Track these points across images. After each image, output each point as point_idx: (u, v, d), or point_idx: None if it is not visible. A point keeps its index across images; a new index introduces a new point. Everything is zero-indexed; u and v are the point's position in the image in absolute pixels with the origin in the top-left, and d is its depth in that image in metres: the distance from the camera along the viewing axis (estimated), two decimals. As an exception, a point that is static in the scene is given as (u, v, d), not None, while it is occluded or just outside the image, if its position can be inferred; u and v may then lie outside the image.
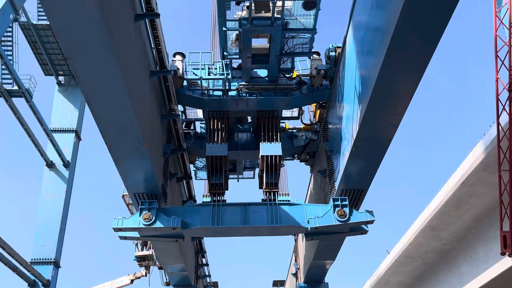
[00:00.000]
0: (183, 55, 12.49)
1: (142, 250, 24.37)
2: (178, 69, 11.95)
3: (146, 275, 26.20)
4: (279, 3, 10.40)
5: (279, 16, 10.58)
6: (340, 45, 11.50)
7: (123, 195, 20.91)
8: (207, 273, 24.01)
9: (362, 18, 9.12)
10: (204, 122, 14.10)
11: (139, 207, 11.34)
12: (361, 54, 9.42)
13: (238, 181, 17.87)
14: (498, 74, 11.98)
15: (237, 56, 11.95)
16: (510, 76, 11.51)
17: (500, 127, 11.91)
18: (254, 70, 12.69)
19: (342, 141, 11.18)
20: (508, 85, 11.41)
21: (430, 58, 7.63)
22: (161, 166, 11.80)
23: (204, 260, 22.72)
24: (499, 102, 12.02)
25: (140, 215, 11.14)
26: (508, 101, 11.58)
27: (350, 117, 10.26)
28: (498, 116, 11.99)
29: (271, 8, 10.33)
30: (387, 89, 8.41)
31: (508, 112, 11.64)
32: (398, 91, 8.58)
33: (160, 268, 23.33)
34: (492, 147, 15.55)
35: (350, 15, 9.93)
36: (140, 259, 24.58)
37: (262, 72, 12.80)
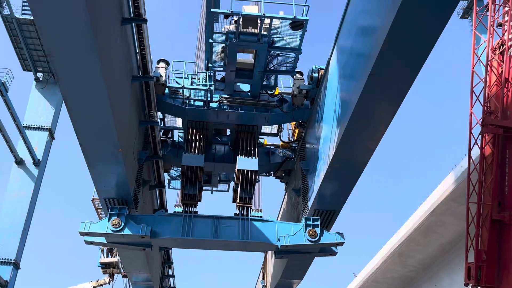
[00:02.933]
0: (167, 63, 12.45)
1: (107, 256, 23.73)
2: (161, 76, 11.89)
3: (109, 283, 25.47)
4: (267, 21, 10.53)
5: (266, 33, 10.70)
6: (323, 67, 11.69)
7: (93, 199, 20.43)
8: (172, 285, 23.56)
9: (347, 42, 9.32)
10: (182, 131, 14.01)
11: (109, 212, 11.09)
12: (343, 77, 9.59)
13: (212, 193, 17.76)
14: (472, 109, 12.37)
15: (222, 69, 11.99)
16: (484, 112, 11.91)
17: (471, 160, 12.24)
18: (237, 84, 12.74)
19: (318, 162, 11.28)
20: (481, 120, 11.78)
21: (410, 86, 7.84)
22: (134, 172, 11.61)
23: (170, 271, 22.31)
24: (471, 136, 12.38)
25: (108, 221, 10.88)
26: (480, 135, 11.94)
27: (327, 139, 10.38)
28: (470, 149, 12.33)
29: (259, 24, 10.45)
30: (366, 114, 8.57)
31: (479, 146, 12.00)
32: (377, 117, 8.75)
33: (124, 276, 22.74)
34: (462, 179, 15.96)
35: (335, 39, 10.14)
36: (105, 266, 23.92)
37: (245, 87, 12.87)
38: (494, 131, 11.43)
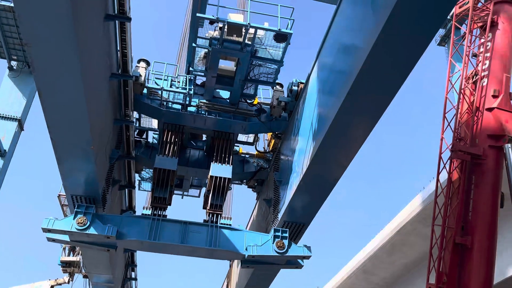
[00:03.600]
0: (147, 63, 12.33)
1: (69, 255, 23.07)
2: (140, 75, 11.75)
3: (68, 283, 24.71)
4: (251, 30, 10.60)
5: (249, 42, 10.76)
6: (304, 81, 11.83)
7: (59, 195, 19.86)
8: (134, 288, 23.07)
9: (328, 59, 9.47)
10: (157, 133, 13.85)
11: (75, 210, 10.80)
12: (322, 93, 9.72)
13: (182, 197, 17.57)
14: (443, 134, 12.73)
15: (202, 74, 11.96)
16: (454, 138, 12.27)
17: (439, 183, 12.56)
18: (217, 90, 12.72)
19: (291, 174, 11.35)
20: (451, 146, 12.13)
21: (387, 106, 8.01)
22: (105, 171, 11.38)
23: (133, 274, 21.85)
24: (441, 160, 12.73)
25: (74, 219, 10.59)
26: (449, 160, 12.28)
27: (302, 152, 10.47)
28: (438, 173, 12.66)
29: (243, 33, 10.50)
30: (341, 130, 8.70)
31: (447, 170, 12.33)
32: (352, 134, 8.90)
33: (85, 276, 22.12)
34: (429, 201, 16.38)
35: (317, 54, 10.28)
36: (65, 265, 23.22)
37: (225, 94, 12.86)
38: (462, 157, 11.77)
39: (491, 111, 11.82)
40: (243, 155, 14.87)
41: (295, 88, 12.37)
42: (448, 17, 16.20)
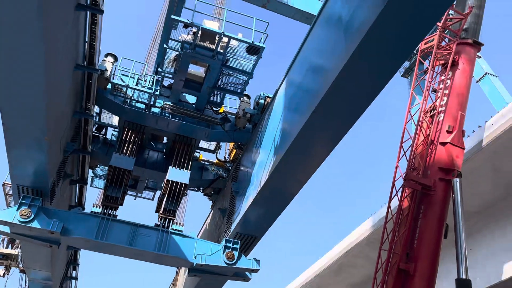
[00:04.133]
0: (115, 58, 12.07)
1: (7, 247, 21.88)
2: (106, 70, 11.47)
3: (4, 276, 23.40)
4: (225, 39, 10.62)
5: (222, 51, 10.78)
6: (271, 95, 11.95)
7: (4, 183, 18.90)
8: (73, 288, 22.12)
9: (297, 77, 9.63)
10: (117, 130, 13.51)
11: (19, 200, 10.29)
12: (288, 109, 9.85)
13: (135, 199, 17.16)
14: (398, 163, 13.18)
15: (171, 76, 11.84)
16: (408, 167, 12.72)
17: (390, 209, 12.94)
18: (184, 94, 12.61)
19: (249, 186, 11.36)
20: (404, 175, 12.56)
21: (349, 128, 8.22)
22: (57, 164, 10.94)
23: (74, 273, 20.98)
24: (393, 187, 13.15)
25: (17, 210, 10.08)
26: (401, 188, 12.71)
27: (262, 165, 10.52)
28: (390, 200, 13.05)
29: (217, 41, 10.51)
30: (303, 148, 8.83)
31: (399, 198, 12.74)
32: (313, 152, 9.05)
33: (22, 271, 21.04)
34: (379, 226, 16.83)
35: (287, 71, 10.43)
36: (2, 257, 22.00)
37: (191, 98, 12.77)
38: (413, 187, 12.20)
39: (444, 146, 12.36)
40: (203, 162, 14.75)
41: (262, 101, 12.47)
42: (414, 51, 16.92)
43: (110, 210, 11.50)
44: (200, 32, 10.49)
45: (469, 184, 12.91)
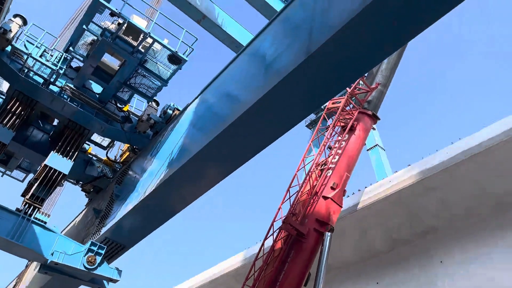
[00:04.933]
0: (24, 21, 11.05)
1: None
2: (10, 31, 10.44)
3: None
4: (149, 40, 10.39)
5: (143, 50, 10.50)
6: (181, 109, 11.82)
7: None
8: None
9: (211, 98, 9.69)
10: (3, 97, 12.19)
11: None
12: (193, 126, 9.81)
13: (2, 175, 15.43)
14: (282, 205, 13.73)
15: (82, 59, 11.16)
16: (289, 211, 13.30)
17: (263, 247, 13.31)
18: (90, 81, 11.92)
19: (132, 193, 10.92)
20: (284, 217, 13.09)
21: (250, 158, 8.40)
22: None
23: None
24: (272, 227, 13.61)
25: None
26: (278, 230, 13.20)
27: (152, 175, 10.23)
28: (265, 238, 13.45)
29: (140, 39, 10.23)
30: (198, 168, 8.82)
31: (274, 238, 13.20)
32: (206, 174, 9.07)
33: None
34: (249, 261, 17.17)
35: (202, 90, 10.45)
36: None
37: (97, 88, 12.09)
38: (289, 231, 12.73)
39: (325, 200, 13.22)
40: (90, 156, 13.87)
41: (170, 111, 12.27)
42: (322, 106, 18.16)
43: (-33, 181, 10.17)
44: (126, 25, 10.14)
45: (337, 240, 13.88)
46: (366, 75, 15.17)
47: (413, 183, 12.77)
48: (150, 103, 12.32)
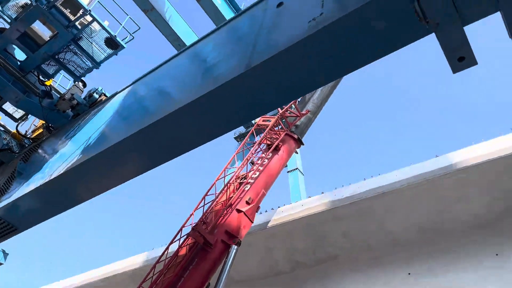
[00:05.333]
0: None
1: None
2: None
3: None
4: (88, 18, 9.89)
5: (79, 27, 9.95)
6: (109, 95, 11.31)
7: None
8: None
9: (142, 91, 9.39)
10: None
11: None
12: (118, 115, 9.42)
13: None
14: (194, 211, 13.58)
15: (9, 21, 10.29)
16: (200, 219, 13.18)
17: (167, 251, 13.01)
18: (14, 46, 11.01)
19: (37, 173, 10.16)
20: (194, 225, 12.94)
21: (166, 161, 8.20)
22: None
23: None
24: (180, 232, 13.37)
25: None
26: (185, 236, 13.01)
27: (63, 158, 9.62)
28: (171, 242, 13.17)
29: (79, 15, 9.70)
30: (114, 159, 8.43)
31: (180, 243, 12.98)
32: (121, 168, 8.72)
33: None
34: (149, 263, 16.70)
35: (135, 80, 10.09)
36: None
37: (20, 55, 11.19)
38: (197, 238, 12.57)
39: (238, 213, 13.30)
40: (-2, 126, 12.75)
41: (96, 95, 11.66)
42: (252, 121, 18.41)
43: None
44: (66, -4, 9.57)
45: (243, 255, 13.99)
46: (299, 100, 15.69)
47: (323, 211, 13.34)
48: (76, 82, 11.65)
